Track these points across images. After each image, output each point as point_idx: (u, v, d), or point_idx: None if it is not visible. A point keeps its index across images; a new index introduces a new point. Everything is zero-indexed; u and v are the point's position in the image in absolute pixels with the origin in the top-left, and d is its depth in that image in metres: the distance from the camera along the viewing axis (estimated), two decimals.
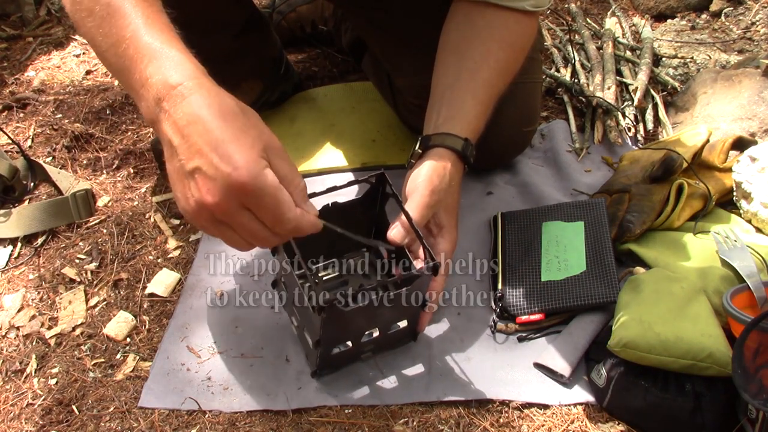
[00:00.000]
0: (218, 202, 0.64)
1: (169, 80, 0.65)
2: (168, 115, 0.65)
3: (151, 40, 0.67)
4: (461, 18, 0.98)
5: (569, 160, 1.22)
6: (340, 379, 0.89)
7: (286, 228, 0.66)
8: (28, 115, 1.38)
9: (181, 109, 0.64)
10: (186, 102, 0.65)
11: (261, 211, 0.65)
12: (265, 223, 0.66)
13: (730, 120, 1.21)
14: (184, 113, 0.64)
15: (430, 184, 0.87)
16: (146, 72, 0.66)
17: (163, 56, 0.67)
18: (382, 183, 0.90)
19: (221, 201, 0.63)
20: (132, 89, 0.69)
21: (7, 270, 1.09)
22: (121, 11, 0.69)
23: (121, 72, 0.69)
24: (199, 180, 0.64)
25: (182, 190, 0.66)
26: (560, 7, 1.64)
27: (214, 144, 0.63)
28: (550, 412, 0.85)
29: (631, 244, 1.01)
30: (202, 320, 0.98)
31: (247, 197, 0.64)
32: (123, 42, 0.68)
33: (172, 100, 0.65)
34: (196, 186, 0.64)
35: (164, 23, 0.70)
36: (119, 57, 0.68)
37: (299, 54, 1.56)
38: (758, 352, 0.75)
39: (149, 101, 0.67)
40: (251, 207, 0.65)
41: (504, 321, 0.95)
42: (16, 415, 0.89)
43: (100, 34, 0.70)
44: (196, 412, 0.87)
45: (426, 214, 0.86)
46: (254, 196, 0.64)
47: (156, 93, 0.66)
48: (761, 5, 1.59)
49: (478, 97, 0.94)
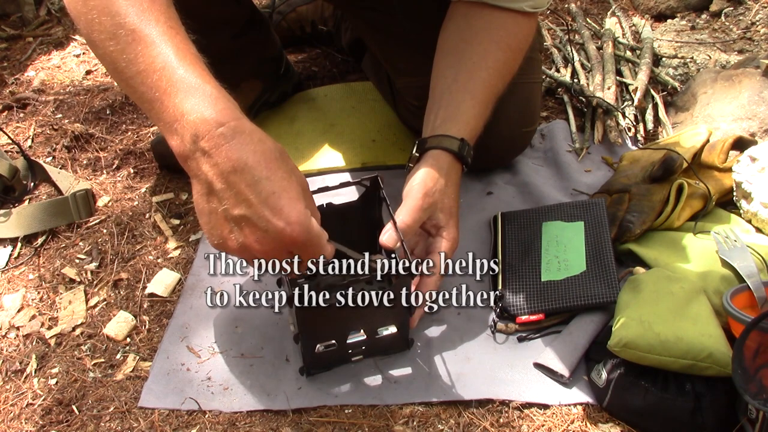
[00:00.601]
0: (266, 251, 0.68)
1: (208, 120, 0.65)
2: (208, 157, 0.66)
3: (185, 74, 0.67)
4: (459, 19, 0.98)
5: (569, 160, 1.22)
6: (339, 379, 0.89)
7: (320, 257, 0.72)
8: (28, 115, 1.38)
9: (224, 152, 0.65)
10: (229, 146, 0.65)
11: (304, 254, 0.70)
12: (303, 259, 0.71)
13: (730, 120, 1.21)
14: (228, 158, 0.65)
15: (423, 187, 0.87)
16: (182, 107, 0.66)
17: (200, 93, 0.66)
18: (376, 187, 0.90)
19: (270, 250, 0.68)
20: (162, 121, 0.68)
21: (7, 270, 1.09)
22: (149, 39, 0.67)
23: (150, 102, 0.68)
24: (247, 229, 0.67)
25: (222, 230, 0.68)
26: (560, 7, 1.64)
27: (263, 196, 0.65)
28: (550, 412, 0.85)
29: (631, 244, 1.01)
30: (202, 320, 0.98)
31: (296, 247, 0.68)
32: (154, 72, 0.67)
33: (213, 141, 0.65)
34: (242, 233, 0.67)
35: (194, 55, 0.69)
36: (148, 87, 0.67)
37: (299, 54, 1.56)
38: (758, 352, 0.75)
39: (184, 137, 0.66)
40: (295, 252, 0.70)
41: (504, 321, 0.95)
42: (16, 415, 0.89)
43: (123, 59, 0.68)
44: (196, 412, 0.87)
45: (419, 217, 0.87)
46: (304, 245, 0.68)
47: (194, 131, 0.65)
48: (761, 5, 1.59)
49: (476, 97, 0.94)
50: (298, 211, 0.66)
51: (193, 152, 0.66)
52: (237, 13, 1.21)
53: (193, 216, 1.16)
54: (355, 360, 0.90)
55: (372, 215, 0.94)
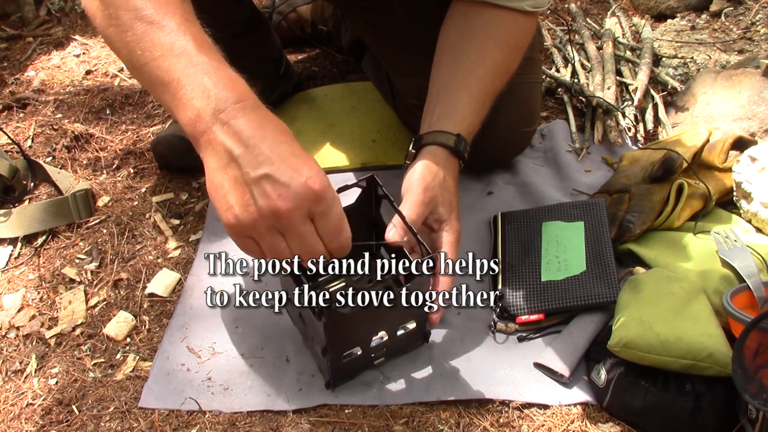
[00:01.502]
0: (290, 208, 0.66)
1: (229, 96, 0.68)
2: (228, 127, 0.67)
3: (204, 59, 0.70)
4: (459, 18, 0.98)
5: (569, 160, 1.22)
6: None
7: (340, 242, 0.71)
8: (28, 115, 1.38)
9: (244, 122, 0.67)
10: (249, 117, 0.68)
11: (326, 222, 0.69)
12: (323, 236, 0.69)
13: (730, 120, 1.21)
14: (248, 125, 0.67)
15: (423, 182, 0.88)
16: (202, 86, 0.68)
17: (221, 74, 0.70)
18: (373, 186, 0.90)
19: (293, 206, 0.66)
20: (177, 100, 0.70)
21: (7, 270, 1.09)
22: (167, 29, 0.71)
23: (165, 84, 0.70)
24: (269, 186, 0.66)
25: (241, 197, 0.67)
26: (560, 7, 1.64)
27: (284, 156, 0.67)
28: (550, 412, 0.85)
29: (631, 244, 1.01)
30: (202, 320, 0.98)
31: (318, 206, 0.67)
32: (173, 57, 0.70)
33: (233, 113, 0.68)
34: (263, 192, 0.66)
35: (211, 45, 0.73)
36: (164, 71, 0.70)
37: (299, 54, 1.56)
38: (758, 352, 0.75)
39: (203, 112, 0.68)
40: (317, 217, 0.68)
41: (504, 321, 0.95)
42: (16, 415, 0.89)
43: (140, 48, 0.71)
44: (196, 413, 0.87)
45: (422, 212, 0.87)
46: (326, 205, 0.68)
47: (215, 105, 0.68)
48: (761, 5, 1.59)
49: (472, 94, 0.94)
50: (317, 170, 0.68)
51: (212, 125, 0.68)
52: (237, 13, 1.21)
53: (193, 216, 1.16)
54: (377, 363, 0.89)
55: (371, 215, 0.94)
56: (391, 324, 0.86)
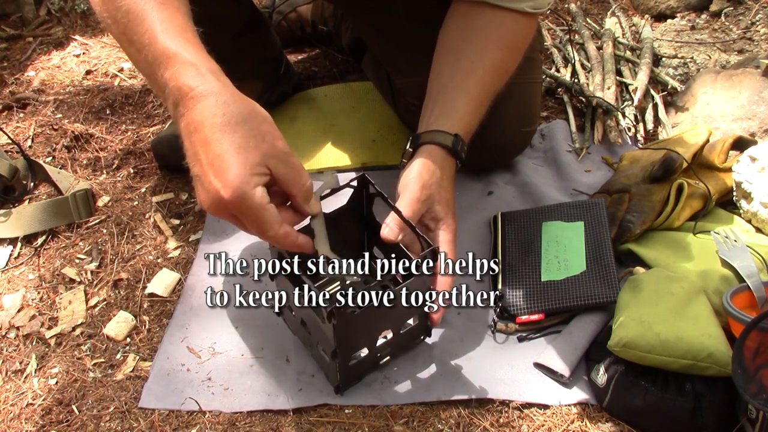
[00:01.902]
0: (210, 210, 0.70)
1: (182, 86, 0.69)
2: (183, 119, 0.70)
3: (165, 44, 0.70)
4: (459, 18, 0.98)
5: (569, 160, 1.22)
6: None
7: (270, 237, 0.72)
8: (28, 115, 1.38)
9: (190, 115, 0.69)
10: (195, 109, 0.69)
11: (247, 225, 0.71)
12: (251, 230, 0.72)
13: (730, 120, 1.21)
14: (192, 120, 0.69)
15: (420, 179, 0.88)
16: (164, 77, 0.70)
17: (179, 61, 0.70)
18: (365, 185, 0.90)
19: (212, 210, 0.70)
20: (158, 94, 0.73)
21: (7, 270, 1.09)
22: (141, 16, 0.72)
23: (147, 78, 0.73)
24: (198, 186, 0.71)
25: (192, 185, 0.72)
26: (560, 7, 1.64)
27: (210, 157, 0.68)
28: (550, 412, 0.85)
29: (631, 244, 1.01)
30: (202, 320, 0.98)
31: (234, 212, 0.69)
32: (144, 48, 0.71)
33: (186, 105, 0.69)
34: (197, 191, 0.71)
35: (180, 24, 0.73)
36: (143, 63, 0.72)
37: (299, 54, 1.56)
38: (758, 352, 0.75)
39: (169, 106, 0.71)
40: (239, 216, 0.70)
41: (504, 321, 0.95)
42: (16, 415, 0.89)
43: (126, 40, 0.73)
44: (196, 413, 0.87)
45: (418, 209, 0.87)
46: (240, 212, 0.69)
47: (174, 98, 0.70)
48: (761, 5, 1.59)
49: (471, 94, 0.95)
50: (236, 174, 0.67)
51: (176, 117, 0.71)
52: (237, 13, 1.20)
53: (193, 216, 1.16)
54: (383, 363, 0.89)
55: (363, 215, 0.94)
56: (397, 322, 0.86)
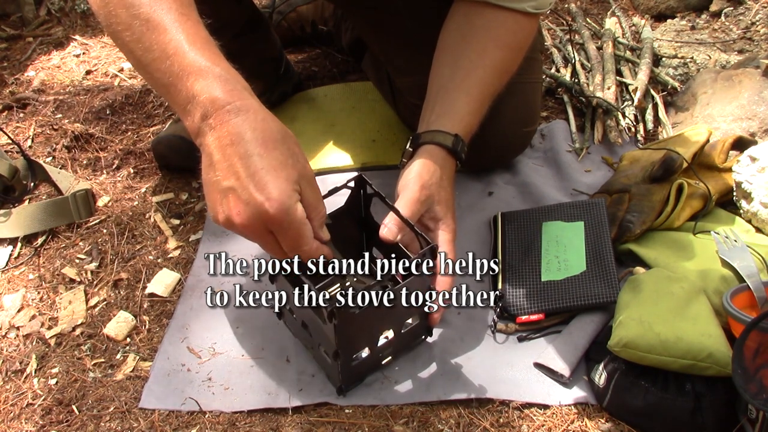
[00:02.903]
0: (245, 225, 0.69)
1: (217, 99, 0.69)
2: (213, 131, 0.69)
3: (195, 57, 0.70)
4: (460, 18, 0.98)
5: (569, 160, 1.22)
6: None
7: (302, 253, 0.72)
8: (28, 115, 1.38)
9: (226, 128, 0.68)
10: (232, 122, 0.68)
11: (283, 239, 0.71)
12: (284, 247, 0.72)
13: (730, 120, 1.21)
14: (228, 132, 0.68)
15: (419, 179, 0.88)
16: (194, 89, 0.69)
17: (210, 74, 0.70)
18: (362, 185, 0.90)
19: (248, 224, 0.69)
20: (176, 104, 0.72)
21: (7, 270, 1.09)
22: (161, 26, 0.71)
23: (165, 87, 0.71)
24: (232, 200, 0.69)
25: (214, 201, 0.71)
26: (560, 7, 1.64)
27: (252, 170, 0.67)
28: (550, 412, 0.85)
29: (631, 244, 1.01)
30: (203, 321, 0.98)
31: (273, 226, 0.69)
32: (167, 58, 0.70)
33: (219, 118, 0.69)
34: (227, 204, 0.69)
35: (205, 39, 0.73)
36: (163, 72, 0.71)
37: (299, 54, 1.56)
38: (758, 352, 0.75)
39: (195, 117, 0.70)
40: (275, 233, 0.70)
41: (504, 321, 0.95)
42: (16, 415, 0.89)
43: (140, 48, 0.72)
44: (196, 413, 0.87)
45: (417, 209, 0.87)
46: (281, 227, 0.69)
47: (203, 110, 0.69)
48: (761, 5, 1.59)
49: (471, 94, 0.95)
50: (281, 190, 0.68)
51: (202, 129, 0.70)
52: (237, 13, 1.20)
53: (193, 216, 1.16)
54: (385, 363, 0.89)
55: (361, 216, 0.94)
56: (398, 322, 0.86)
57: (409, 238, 0.87)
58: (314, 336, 0.86)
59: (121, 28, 0.73)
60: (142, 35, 0.71)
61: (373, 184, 0.89)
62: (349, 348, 0.83)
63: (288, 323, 0.95)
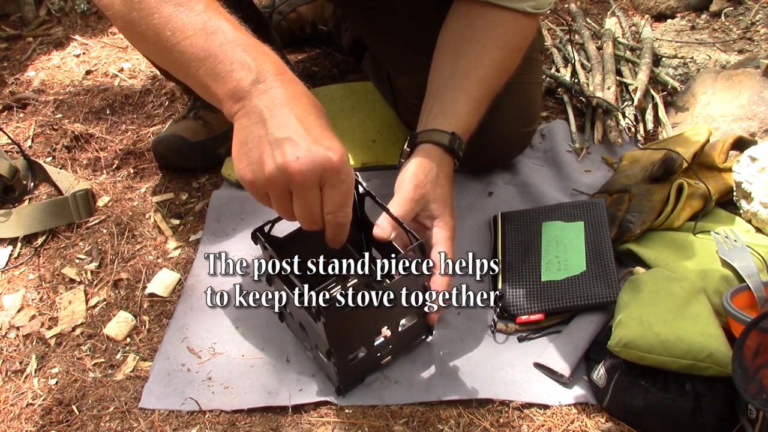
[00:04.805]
0: (303, 170, 0.69)
1: (270, 68, 0.72)
2: (264, 94, 0.71)
3: (240, 35, 0.74)
4: (460, 18, 0.98)
5: (569, 160, 1.22)
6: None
7: (338, 219, 0.73)
8: (28, 115, 1.38)
9: (281, 91, 0.71)
10: (287, 87, 0.72)
11: (334, 194, 0.71)
12: (326, 207, 0.72)
13: (730, 120, 1.21)
14: (284, 93, 0.71)
15: (414, 179, 0.88)
16: (242, 59, 0.72)
17: (259, 49, 0.74)
18: (354, 185, 0.90)
19: (306, 170, 0.69)
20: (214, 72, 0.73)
21: (7, 270, 1.09)
22: (196, 10, 0.74)
23: (201, 60, 0.73)
24: (289, 148, 0.69)
25: (260, 154, 0.70)
26: (560, 7, 1.64)
27: (310, 125, 0.71)
28: (550, 412, 0.85)
29: (631, 244, 1.01)
30: (203, 321, 0.98)
31: (331, 175, 0.70)
32: (208, 35, 0.73)
33: (272, 83, 0.71)
34: (282, 152, 0.69)
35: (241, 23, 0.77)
36: (199, 48, 0.72)
37: (299, 54, 1.56)
38: (758, 352, 0.75)
39: (243, 80, 0.71)
40: (327, 186, 0.71)
41: (504, 321, 0.95)
42: (16, 415, 0.89)
43: (169, 29, 0.73)
44: (196, 413, 0.87)
45: (411, 209, 0.87)
46: (338, 177, 0.70)
47: (256, 76, 0.71)
48: (761, 5, 1.59)
49: (470, 93, 0.95)
50: (340, 145, 0.71)
51: (250, 91, 0.71)
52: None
53: (193, 216, 1.16)
54: (384, 363, 0.89)
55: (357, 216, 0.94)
56: (392, 320, 0.86)
57: (406, 237, 0.87)
58: (310, 337, 0.87)
59: (146, 13, 0.74)
60: (173, 17, 0.73)
61: (373, 184, 0.89)
62: (342, 347, 0.83)
63: (290, 326, 0.95)
